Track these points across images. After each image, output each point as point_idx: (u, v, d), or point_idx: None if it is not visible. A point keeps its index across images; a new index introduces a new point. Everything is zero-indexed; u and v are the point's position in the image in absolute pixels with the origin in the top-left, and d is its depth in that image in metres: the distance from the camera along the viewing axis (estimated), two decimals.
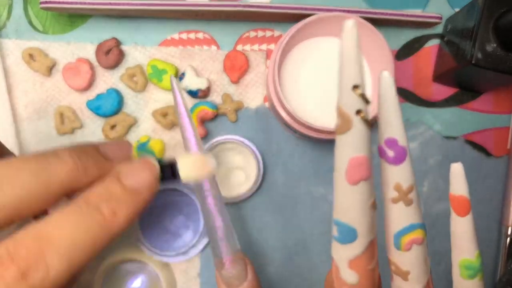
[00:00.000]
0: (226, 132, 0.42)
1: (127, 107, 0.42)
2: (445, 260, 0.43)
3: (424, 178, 0.43)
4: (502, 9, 0.35)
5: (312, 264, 0.42)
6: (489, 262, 0.43)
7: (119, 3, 0.39)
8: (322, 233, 0.42)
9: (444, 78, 0.42)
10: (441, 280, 0.42)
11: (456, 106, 0.44)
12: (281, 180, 0.42)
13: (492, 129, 0.43)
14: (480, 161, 0.43)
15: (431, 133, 0.43)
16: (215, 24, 0.43)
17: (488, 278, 0.43)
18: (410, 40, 0.44)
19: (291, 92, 0.40)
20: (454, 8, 0.43)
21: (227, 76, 0.42)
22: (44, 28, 0.43)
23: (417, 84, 0.43)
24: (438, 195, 0.43)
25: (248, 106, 0.42)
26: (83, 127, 0.42)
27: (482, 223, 0.43)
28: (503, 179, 0.43)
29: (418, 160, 0.43)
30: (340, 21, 0.37)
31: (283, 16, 0.41)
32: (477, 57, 0.35)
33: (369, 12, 0.40)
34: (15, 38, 0.42)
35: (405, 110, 0.43)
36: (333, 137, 0.37)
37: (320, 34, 0.40)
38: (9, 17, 0.43)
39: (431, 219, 0.43)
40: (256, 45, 0.43)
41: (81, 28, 0.43)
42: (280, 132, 0.43)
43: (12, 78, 0.42)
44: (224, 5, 0.39)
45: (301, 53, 0.40)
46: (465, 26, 0.38)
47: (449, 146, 0.43)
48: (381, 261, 0.23)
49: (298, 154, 0.43)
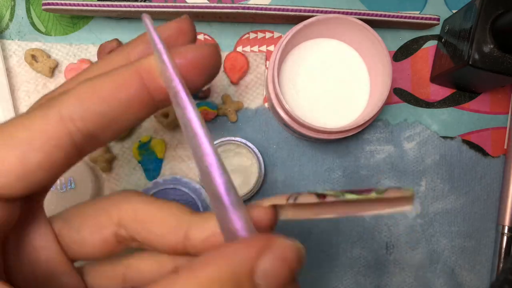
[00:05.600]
0: (226, 132, 0.42)
1: None
2: (443, 258, 0.43)
3: (421, 178, 0.43)
4: (499, 11, 0.36)
5: (311, 263, 0.43)
6: (486, 261, 0.43)
7: (121, 5, 0.39)
8: (322, 232, 0.43)
9: (441, 78, 0.43)
10: (439, 278, 0.43)
11: (453, 107, 0.44)
12: (281, 179, 0.43)
13: (489, 129, 0.44)
14: (477, 161, 0.44)
15: (428, 133, 0.44)
16: (215, 26, 0.43)
17: (485, 277, 0.43)
18: (408, 41, 0.44)
19: (290, 92, 0.40)
20: (452, 9, 0.44)
21: (227, 77, 0.43)
22: (47, 29, 0.43)
23: (414, 84, 0.44)
24: (435, 195, 0.43)
25: (248, 107, 0.43)
26: None
27: (479, 222, 0.43)
28: (499, 178, 0.43)
29: (416, 160, 0.43)
30: (338, 23, 0.38)
31: (282, 18, 0.41)
32: (474, 58, 0.36)
33: (367, 14, 0.40)
34: (18, 39, 0.43)
35: (403, 110, 0.44)
36: (332, 137, 0.38)
37: (319, 36, 0.40)
38: (11, 18, 0.43)
39: (428, 218, 0.43)
40: (256, 47, 0.43)
41: (83, 30, 0.43)
42: (280, 132, 0.43)
43: (15, 79, 0.42)
44: (225, 7, 0.40)
45: (300, 54, 0.40)
46: (463, 28, 0.38)
47: (447, 146, 0.44)
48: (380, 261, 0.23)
49: (297, 154, 0.43)
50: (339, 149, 0.43)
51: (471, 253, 0.43)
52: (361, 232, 0.43)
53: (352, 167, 0.43)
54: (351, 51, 0.41)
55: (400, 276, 0.43)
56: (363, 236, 0.43)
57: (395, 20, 0.41)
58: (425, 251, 0.43)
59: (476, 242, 0.43)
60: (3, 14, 0.43)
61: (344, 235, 0.43)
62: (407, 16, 0.41)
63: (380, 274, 0.43)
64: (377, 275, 0.43)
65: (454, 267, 0.43)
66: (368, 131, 0.43)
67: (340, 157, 0.43)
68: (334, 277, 0.43)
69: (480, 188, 0.43)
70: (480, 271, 0.43)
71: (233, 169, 0.41)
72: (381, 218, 0.43)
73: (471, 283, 0.43)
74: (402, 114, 0.44)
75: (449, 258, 0.43)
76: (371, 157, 0.43)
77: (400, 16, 0.41)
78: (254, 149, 0.41)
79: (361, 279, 0.43)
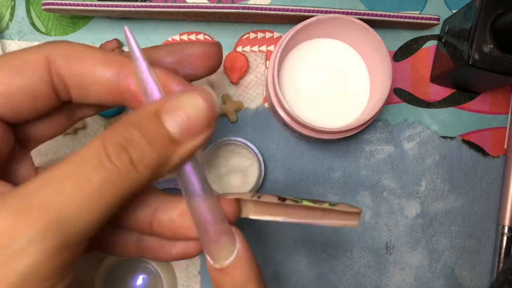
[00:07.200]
0: (226, 132, 0.43)
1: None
2: (443, 258, 0.43)
3: (421, 178, 0.43)
4: (499, 11, 0.36)
5: (310, 262, 0.43)
6: (486, 261, 0.43)
7: (121, 5, 0.39)
8: (321, 232, 0.43)
9: (441, 78, 0.43)
10: (439, 278, 0.43)
11: (453, 107, 0.44)
12: (281, 179, 0.43)
13: (489, 129, 0.44)
14: (477, 161, 0.44)
15: (428, 133, 0.44)
16: (215, 26, 0.43)
17: (485, 277, 0.43)
18: (408, 41, 0.44)
19: (290, 92, 0.40)
20: (452, 9, 0.44)
21: (227, 77, 0.43)
22: (47, 29, 0.43)
23: (414, 84, 0.44)
24: (435, 195, 0.43)
25: (248, 107, 0.43)
26: (85, 128, 0.42)
27: (479, 222, 0.43)
28: (499, 178, 0.43)
29: (416, 160, 0.43)
30: (338, 23, 0.38)
31: (282, 18, 0.41)
32: (474, 58, 0.36)
33: (367, 14, 0.40)
34: (18, 39, 0.43)
35: (403, 110, 0.44)
36: (332, 137, 0.38)
37: (319, 36, 0.40)
38: (11, 18, 0.43)
39: (428, 218, 0.43)
40: (256, 46, 0.43)
41: (83, 30, 0.43)
42: (280, 132, 0.43)
43: None
44: (225, 7, 0.40)
45: (300, 54, 0.40)
46: (463, 27, 0.38)
47: (447, 146, 0.44)
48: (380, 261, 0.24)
49: (298, 154, 0.43)
50: (339, 149, 0.43)
51: (471, 253, 0.43)
52: (361, 232, 0.43)
53: (352, 167, 0.43)
54: (351, 51, 0.41)
55: (400, 276, 0.43)
56: (363, 236, 0.43)
57: (395, 20, 0.41)
58: (425, 251, 0.43)
59: (476, 242, 0.43)
60: (3, 14, 0.43)
61: (344, 235, 0.43)
62: (407, 16, 0.41)
63: (380, 274, 0.43)
64: (377, 275, 0.43)
65: (454, 267, 0.43)
66: (368, 131, 0.43)
67: (340, 157, 0.43)
68: (334, 277, 0.43)
69: (480, 188, 0.43)
70: (480, 271, 0.43)
71: (233, 169, 0.41)
72: (381, 218, 0.43)
73: (471, 283, 0.43)
74: (402, 114, 0.44)
75: (449, 258, 0.43)
76: (371, 157, 0.43)
77: (400, 16, 0.41)
78: (254, 149, 0.41)
79: (361, 279, 0.43)
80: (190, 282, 0.42)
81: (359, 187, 0.43)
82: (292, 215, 0.23)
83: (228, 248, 0.20)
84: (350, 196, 0.43)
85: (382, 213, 0.43)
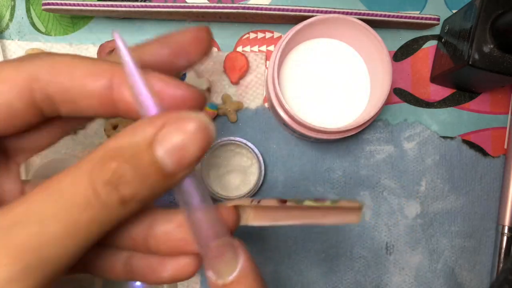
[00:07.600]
0: (226, 132, 0.43)
1: None
2: (443, 258, 0.43)
3: (421, 178, 0.43)
4: (499, 11, 0.36)
5: (310, 262, 0.43)
6: (486, 261, 0.43)
7: (121, 5, 0.39)
8: (321, 232, 0.43)
9: (441, 78, 0.43)
10: (439, 278, 0.43)
11: (453, 107, 0.44)
12: (281, 179, 0.43)
13: (489, 129, 0.44)
14: (477, 161, 0.44)
15: (428, 133, 0.44)
16: (215, 26, 0.43)
17: (485, 277, 0.43)
18: (408, 41, 0.44)
19: (290, 92, 0.40)
20: (452, 9, 0.44)
21: (227, 77, 0.43)
22: (47, 29, 0.43)
23: (414, 84, 0.44)
24: (435, 195, 0.43)
25: (248, 107, 0.43)
26: (85, 128, 0.42)
27: (479, 222, 0.43)
28: (499, 178, 0.43)
29: (416, 160, 0.43)
30: (338, 23, 0.38)
31: (282, 18, 0.41)
32: (474, 58, 0.36)
33: (367, 14, 0.40)
34: (18, 39, 0.43)
35: (403, 110, 0.44)
36: (332, 137, 0.38)
37: (319, 36, 0.40)
38: (12, 18, 0.43)
39: (428, 218, 0.43)
40: (256, 47, 0.43)
41: (83, 30, 0.43)
42: (280, 132, 0.43)
43: None
44: (225, 7, 0.40)
45: (300, 54, 0.40)
46: (463, 28, 0.38)
47: (447, 146, 0.44)
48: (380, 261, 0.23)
49: (298, 154, 0.43)
50: (339, 149, 0.43)
51: (471, 253, 0.43)
52: (361, 232, 0.43)
53: (352, 167, 0.43)
54: (351, 51, 0.41)
55: (400, 276, 0.43)
56: (363, 236, 0.43)
57: (395, 20, 0.41)
58: (425, 251, 0.43)
59: (476, 242, 0.43)
60: (3, 14, 0.43)
61: (344, 235, 0.43)
62: (407, 16, 0.41)
63: (380, 274, 0.43)
64: (377, 275, 0.43)
65: (454, 267, 0.43)
66: (368, 131, 0.43)
67: (340, 157, 0.43)
68: (334, 277, 0.43)
69: (480, 188, 0.43)
70: (480, 271, 0.43)
71: (233, 169, 0.41)
72: (381, 218, 0.43)
73: (471, 283, 0.43)
74: (402, 114, 0.44)
75: (449, 258, 0.43)
76: (371, 157, 0.43)
77: (400, 16, 0.41)
78: (254, 149, 0.41)
79: (361, 279, 0.43)
80: (190, 282, 0.42)
81: (359, 187, 0.43)
82: (292, 217, 0.22)
83: (231, 263, 0.20)
84: (350, 196, 0.43)
85: (382, 213, 0.43)
